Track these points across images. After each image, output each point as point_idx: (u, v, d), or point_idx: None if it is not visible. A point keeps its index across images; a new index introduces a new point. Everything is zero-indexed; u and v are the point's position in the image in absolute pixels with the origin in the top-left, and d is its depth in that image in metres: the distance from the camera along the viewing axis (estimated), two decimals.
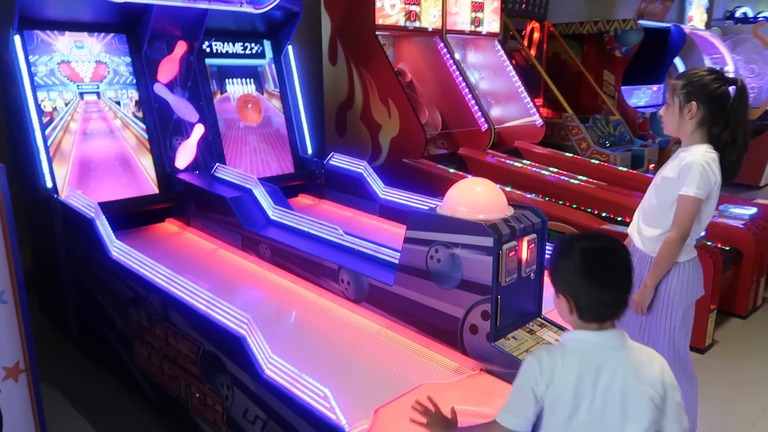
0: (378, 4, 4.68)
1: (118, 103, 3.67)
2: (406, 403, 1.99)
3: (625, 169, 5.21)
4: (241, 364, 2.05)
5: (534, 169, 4.81)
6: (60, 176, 3.35)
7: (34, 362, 2.00)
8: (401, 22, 4.90)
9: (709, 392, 2.95)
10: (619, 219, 3.92)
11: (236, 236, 3.30)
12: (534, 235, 2.34)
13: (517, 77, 5.77)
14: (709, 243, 3.61)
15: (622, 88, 7.24)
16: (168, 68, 3.85)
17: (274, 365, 1.96)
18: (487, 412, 1.97)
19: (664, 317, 2.24)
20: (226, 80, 4.23)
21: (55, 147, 3.39)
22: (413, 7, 4.95)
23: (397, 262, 2.47)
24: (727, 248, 3.78)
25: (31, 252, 3.69)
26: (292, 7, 4.19)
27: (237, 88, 4.28)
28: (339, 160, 4.20)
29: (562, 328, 2.40)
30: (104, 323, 2.95)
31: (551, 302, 2.69)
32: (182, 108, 3.89)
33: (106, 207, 3.39)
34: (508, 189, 4.28)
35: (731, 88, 2.15)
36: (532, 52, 6.98)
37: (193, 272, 3.06)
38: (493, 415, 1.99)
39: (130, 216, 3.61)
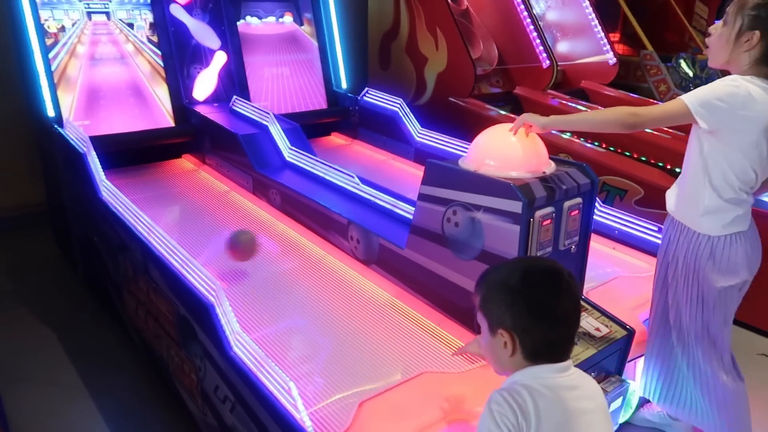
0: None
1: (131, 25, 3.34)
2: (397, 396, 1.66)
3: None
4: (210, 336, 1.75)
5: None
6: (66, 105, 3.09)
7: None
8: None
9: None
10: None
11: (248, 178, 2.97)
12: (579, 200, 1.88)
13: (590, 8, 5.04)
14: None
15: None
16: None
17: (241, 343, 1.64)
18: None
19: (691, 291, 1.79)
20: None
21: (61, 72, 3.11)
22: None
23: None
24: None
25: (44, 183, 3.53)
26: None
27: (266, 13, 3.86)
28: (374, 97, 3.76)
29: (606, 314, 1.97)
30: (100, 266, 2.74)
31: (596, 278, 2.28)
32: (202, 33, 3.52)
33: (115, 140, 3.18)
34: (565, 136, 3.74)
35: None
36: None
37: (197, 218, 2.79)
38: None
39: (144, 150, 3.35)
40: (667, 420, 2.14)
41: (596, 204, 2.68)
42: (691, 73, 5.45)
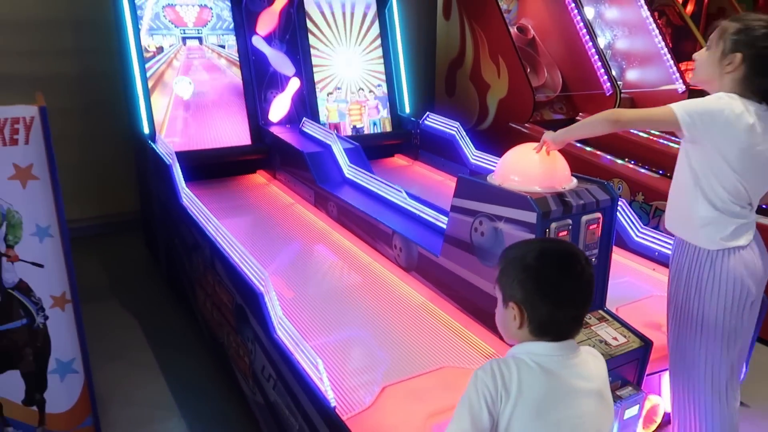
0: None
1: (222, 46, 3.77)
2: (417, 385, 1.85)
3: None
4: (259, 321, 2.02)
5: (663, 141, 4.21)
6: (159, 117, 3.54)
7: (76, 294, 2.12)
8: None
9: None
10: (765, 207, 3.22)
11: (310, 192, 3.27)
12: (598, 215, 2.01)
13: (660, 37, 5.05)
14: None
15: None
16: (267, 20, 3.87)
17: (283, 327, 1.90)
18: None
19: (696, 315, 1.81)
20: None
21: (156, 79, 3.58)
22: None
23: None
24: None
25: (140, 193, 4.00)
26: None
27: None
28: (434, 121, 4.00)
29: (625, 325, 2.07)
30: (179, 264, 3.11)
31: (630, 296, 2.36)
32: (279, 61, 3.91)
33: (199, 155, 3.59)
34: (620, 162, 3.81)
35: None
36: (690, 8, 6.10)
37: (263, 226, 3.11)
38: None
39: (224, 165, 3.75)
40: None
41: (637, 226, 2.78)
42: None
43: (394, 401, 1.77)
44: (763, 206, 3.00)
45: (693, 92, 5.07)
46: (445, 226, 2.51)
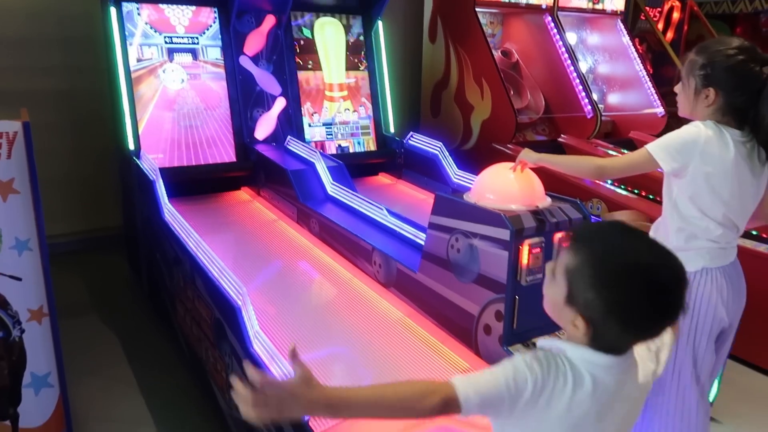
0: None
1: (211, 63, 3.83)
2: None
3: None
4: (236, 335, 2.03)
5: None
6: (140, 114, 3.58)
7: (53, 307, 2.13)
8: None
9: None
10: (754, 233, 3.19)
11: (293, 209, 3.30)
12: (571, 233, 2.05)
13: (640, 62, 5.18)
14: None
15: None
16: (254, 41, 3.93)
17: (259, 341, 1.91)
18: (479, 422, 1.79)
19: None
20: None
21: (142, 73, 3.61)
22: None
23: None
24: None
25: (123, 208, 4.01)
26: None
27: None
28: (417, 140, 4.05)
29: None
30: (160, 280, 3.11)
31: None
32: (266, 81, 3.96)
33: (183, 171, 3.60)
34: (599, 182, 3.88)
35: None
36: (669, 35, 6.25)
37: (245, 242, 3.13)
38: (483, 426, 1.80)
39: (208, 182, 3.77)
40: None
41: None
42: None
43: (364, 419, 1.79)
44: (754, 233, 3.07)
45: (673, 116, 5.19)
46: (423, 243, 2.55)
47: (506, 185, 2.06)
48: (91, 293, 3.72)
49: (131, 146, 3.45)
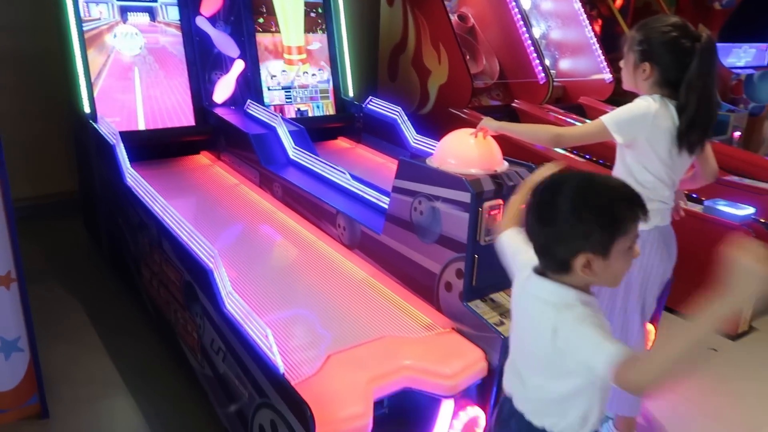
0: None
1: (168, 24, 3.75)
2: (360, 353, 1.99)
3: None
4: (208, 296, 2.10)
5: None
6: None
7: (21, 273, 2.14)
8: None
9: (732, 386, 2.72)
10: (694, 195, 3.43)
11: (255, 173, 3.34)
12: None
13: (590, 29, 5.33)
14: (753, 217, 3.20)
15: (717, 45, 6.51)
16: (211, 2, 3.86)
17: (233, 301, 1.98)
18: (441, 371, 1.93)
19: (617, 295, 2.02)
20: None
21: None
22: None
23: None
24: None
25: (78, 173, 3.94)
26: None
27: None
28: (376, 105, 4.11)
29: None
30: (123, 244, 3.12)
31: None
32: (223, 42, 3.92)
33: (142, 135, 3.57)
34: (561, 150, 4.05)
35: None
36: (619, 1, 6.42)
37: (208, 206, 3.16)
38: (446, 374, 1.95)
39: (167, 146, 3.74)
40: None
41: None
42: None
43: (339, 368, 1.90)
44: (694, 195, 3.30)
45: (620, 82, 5.39)
46: (386, 206, 2.64)
47: (467, 151, 2.16)
48: (49, 259, 3.68)
49: (87, 109, 3.39)
